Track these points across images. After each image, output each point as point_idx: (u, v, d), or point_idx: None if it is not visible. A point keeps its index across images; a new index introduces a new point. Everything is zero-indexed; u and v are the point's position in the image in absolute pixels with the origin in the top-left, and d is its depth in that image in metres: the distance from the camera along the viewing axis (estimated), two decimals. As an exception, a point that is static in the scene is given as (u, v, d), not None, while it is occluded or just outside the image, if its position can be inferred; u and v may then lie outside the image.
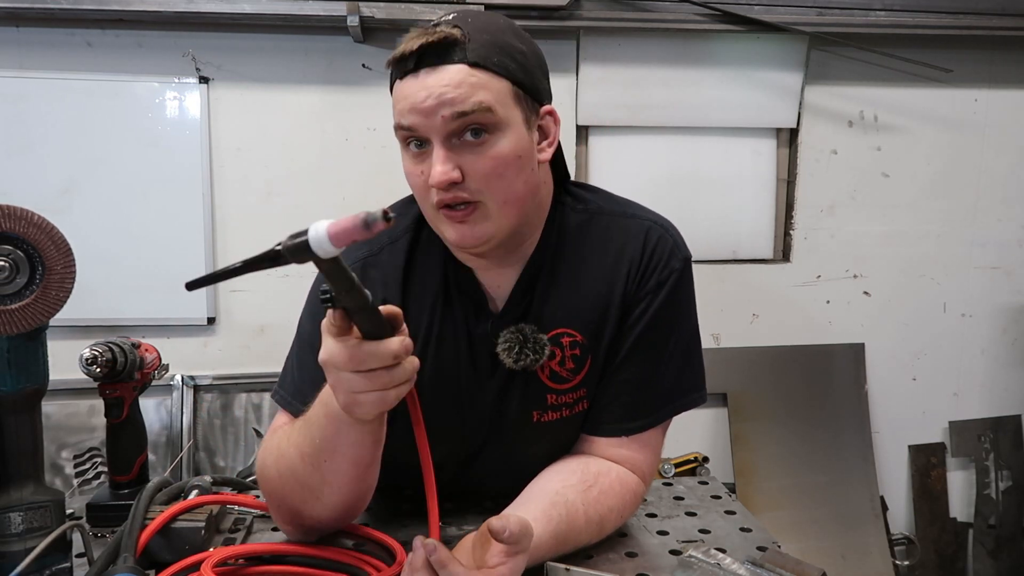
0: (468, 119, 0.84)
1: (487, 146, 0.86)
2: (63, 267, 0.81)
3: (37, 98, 2.26)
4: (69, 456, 2.32)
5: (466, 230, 0.88)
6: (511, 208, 0.90)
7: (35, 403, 0.84)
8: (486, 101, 0.84)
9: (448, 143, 0.85)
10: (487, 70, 0.85)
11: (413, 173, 0.89)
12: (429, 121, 0.84)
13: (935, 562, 2.75)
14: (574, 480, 0.95)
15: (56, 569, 0.83)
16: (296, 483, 0.86)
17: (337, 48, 2.37)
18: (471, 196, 0.87)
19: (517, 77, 0.88)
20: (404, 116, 0.86)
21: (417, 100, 0.84)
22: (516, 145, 0.88)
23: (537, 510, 0.89)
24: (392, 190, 1.05)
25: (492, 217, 0.88)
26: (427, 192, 0.88)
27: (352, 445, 0.81)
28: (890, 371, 2.75)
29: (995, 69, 2.66)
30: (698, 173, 2.62)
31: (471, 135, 0.85)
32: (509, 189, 0.88)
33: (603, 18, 2.35)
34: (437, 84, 0.83)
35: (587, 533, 0.93)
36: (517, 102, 0.88)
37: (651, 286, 0.98)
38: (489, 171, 0.86)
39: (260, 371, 2.42)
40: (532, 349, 0.95)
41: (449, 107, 0.83)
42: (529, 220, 0.95)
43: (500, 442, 1.02)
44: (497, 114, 0.85)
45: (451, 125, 0.84)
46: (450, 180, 0.85)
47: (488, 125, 0.85)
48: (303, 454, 0.84)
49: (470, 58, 0.84)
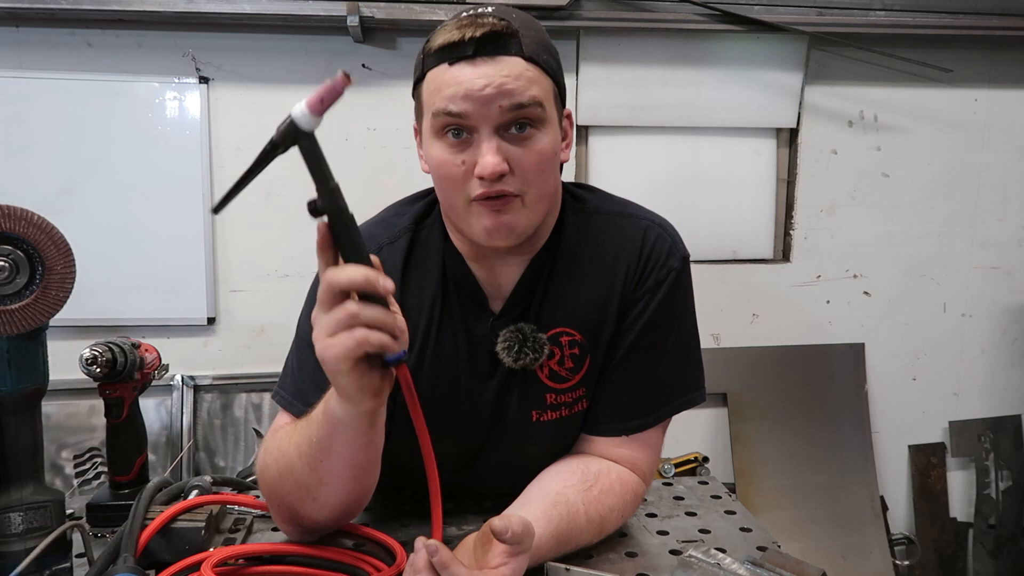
0: (523, 112, 0.85)
1: (532, 141, 0.87)
2: (63, 267, 0.81)
3: (37, 98, 2.26)
4: (69, 456, 2.32)
5: (502, 221, 0.88)
6: (543, 204, 0.91)
7: (35, 403, 0.84)
8: (539, 96, 0.86)
9: (498, 133, 0.85)
10: (538, 66, 0.87)
11: (450, 163, 0.87)
12: (484, 109, 0.84)
13: (935, 562, 2.75)
14: (574, 480, 0.95)
15: (56, 569, 0.83)
16: (294, 483, 0.86)
17: (337, 48, 2.37)
18: (514, 189, 0.87)
19: (557, 77, 0.91)
20: (453, 102, 0.84)
21: (474, 87, 0.83)
22: (554, 143, 0.90)
23: (538, 510, 0.89)
24: (392, 190, 1.05)
25: (527, 210, 0.89)
26: (464, 183, 0.87)
27: (347, 445, 0.80)
28: (890, 371, 2.75)
29: (995, 69, 2.66)
30: (698, 173, 2.62)
31: (516, 129, 0.86)
32: (545, 185, 0.90)
33: (603, 18, 2.35)
34: (497, 73, 0.83)
35: (588, 533, 0.93)
36: (556, 101, 0.91)
37: (649, 285, 0.98)
38: (534, 166, 0.87)
39: (260, 371, 2.42)
40: (531, 348, 0.95)
41: (508, 98, 0.83)
42: (546, 219, 0.96)
43: (500, 442, 1.02)
44: (546, 111, 0.87)
45: (506, 116, 0.84)
46: (502, 171, 0.84)
47: (536, 120, 0.87)
48: (301, 453, 0.84)
49: (526, 52, 0.85)
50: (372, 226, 1.04)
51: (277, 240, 2.42)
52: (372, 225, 1.04)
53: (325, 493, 0.85)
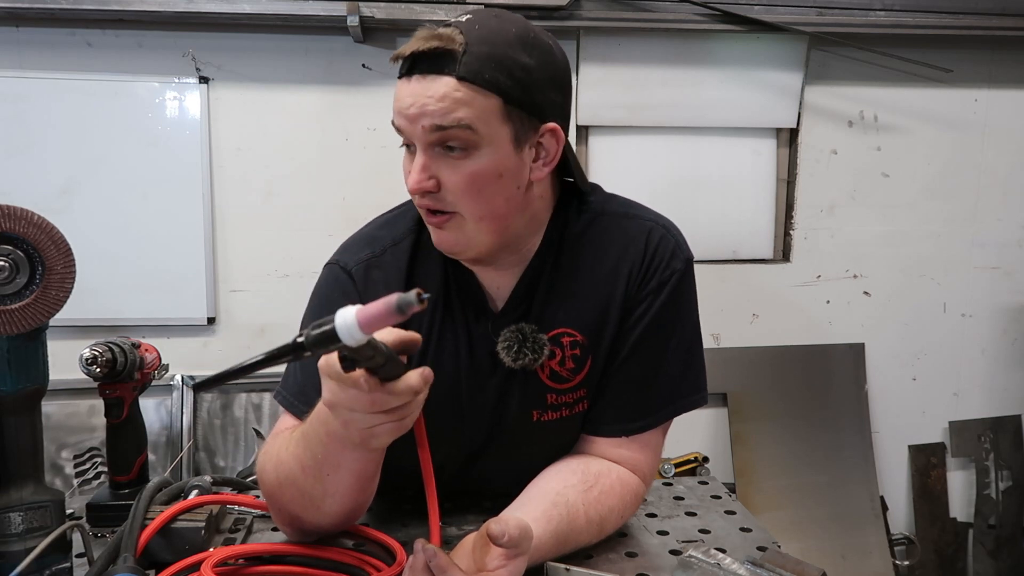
0: (446, 134, 0.84)
1: (464, 162, 0.86)
2: (63, 267, 0.81)
3: (37, 98, 2.26)
4: (69, 456, 2.32)
5: (444, 236, 0.91)
6: (489, 224, 0.90)
7: (35, 403, 0.84)
8: (466, 119, 0.83)
9: (430, 150, 0.86)
10: (476, 85, 0.83)
11: (406, 171, 0.91)
12: (412, 127, 0.86)
13: (935, 562, 2.75)
14: (574, 480, 0.95)
15: (56, 569, 0.83)
16: (296, 492, 0.86)
17: (337, 48, 2.37)
18: (445, 207, 0.88)
19: (511, 94, 0.85)
20: (396, 116, 0.88)
21: (404, 105, 0.85)
22: (498, 164, 0.87)
23: (537, 510, 0.89)
24: (392, 190, 1.05)
25: (468, 230, 0.90)
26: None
27: (357, 461, 0.82)
28: (890, 371, 2.75)
29: (995, 69, 2.66)
30: (698, 173, 2.62)
31: (447, 149, 0.86)
32: (486, 206, 0.88)
33: (603, 18, 2.35)
34: (423, 94, 0.84)
35: (587, 533, 0.93)
36: (506, 120, 0.86)
37: (652, 286, 0.98)
38: (464, 186, 0.87)
39: (260, 371, 2.42)
40: (531, 348, 0.95)
41: (429, 119, 0.84)
42: (519, 233, 0.95)
43: (500, 442, 1.02)
44: (478, 132, 0.84)
45: (430, 136, 0.85)
46: (423, 189, 0.87)
47: (466, 142, 0.85)
48: (304, 467, 0.84)
49: (460, 72, 0.83)
50: (376, 228, 1.04)
51: (277, 240, 2.41)
52: (376, 227, 1.04)
53: (329, 503, 0.86)
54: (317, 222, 2.41)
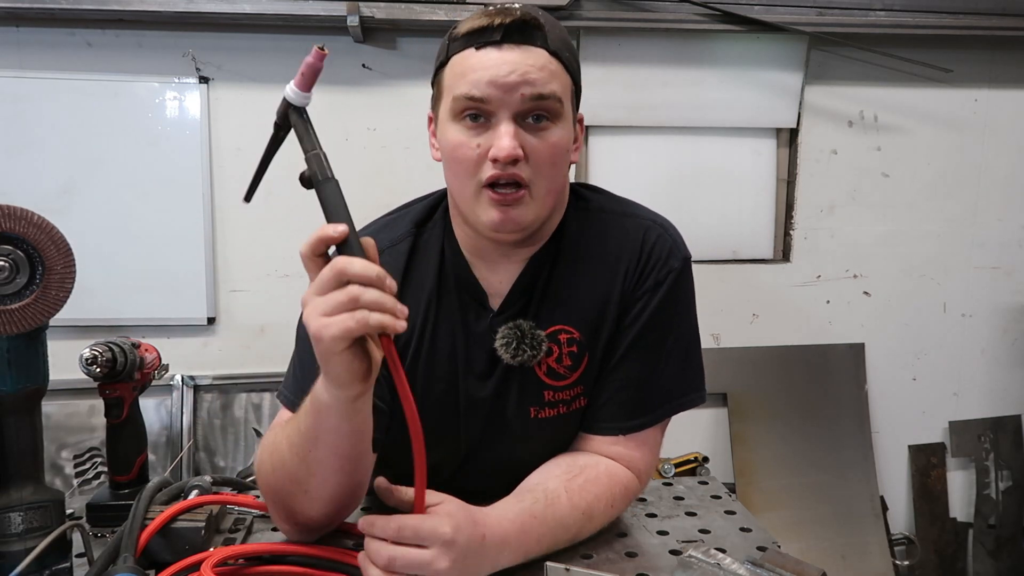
0: (542, 104, 0.87)
1: (548, 133, 0.89)
2: (63, 267, 0.81)
3: (37, 98, 2.26)
4: (69, 456, 2.32)
5: (510, 213, 0.89)
6: (550, 199, 0.92)
7: (35, 403, 0.84)
8: (558, 91, 0.88)
9: (515, 121, 0.87)
10: (561, 62, 0.89)
11: (466, 145, 0.89)
12: (506, 96, 0.86)
13: (935, 562, 2.75)
14: (558, 471, 0.96)
15: (56, 569, 0.83)
16: (285, 475, 0.86)
17: (337, 48, 2.36)
18: (525, 178, 0.88)
19: (576, 78, 0.93)
20: (477, 87, 0.86)
21: (499, 73, 0.85)
22: (567, 139, 0.92)
23: (510, 496, 0.91)
24: (393, 189, 1.05)
25: (535, 204, 0.90)
26: (477, 167, 0.88)
27: (333, 432, 0.80)
28: (890, 371, 2.75)
29: (995, 69, 2.66)
30: (698, 173, 2.62)
31: (534, 119, 0.88)
32: (555, 179, 0.91)
33: (603, 18, 2.35)
34: (523, 62, 0.86)
35: (574, 518, 0.92)
36: (573, 100, 0.93)
37: (649, 285, 0.98)
38: (547, 157, 0.89)
39: (260, 371, 2.42)
40: (529, 345, 0.96)
41: (530, 87, 0.86)
42: (552, 216, 0.97)
43: (498, 439, 1.02)
44: (563, 106, 0.89)
45: (526, 105, 0.86)
46: (516, 156, 0.86)
47: (553, 114, 0.88)
48: (292, 444, 0.84)
49: (551, 46, 0.88)
50: (375, 230, 1.04)
51: (277, 240, 2.41)
52: (375, 229, 1.04)
53: (315, 485, 0.84)
54: (317, 222, 2.39)
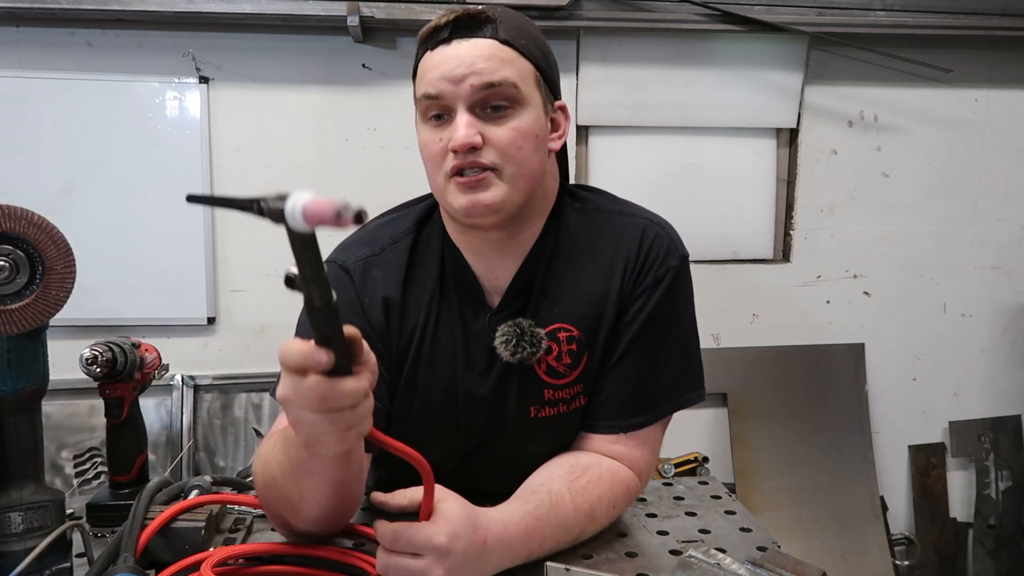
0: (494, 91, 0.88)
1: (508, 119, 0.90)
2: (63, 267, 0.80)
3: (37, 98, 2.26)
4: (69, 456, 2.32)
5: (477, 198, 0.90)
6: (523, 182, 0.92)
7: (35, 403, 0.84)
8: (511, 77, 0.89)
9: (472, 111, 0.89)
10: (515, 49, 0.90)
11: (430, 142, 0.91)
12: (457, 89, 0.88)
13: (935, 562, 2.75)
14: (561, 472, 0.96)
15: (56, 569, 0.83)
16: (278, 495, 0.86)
17: (337, 48, 2.37)
18: (488, 162, 0.89)
19: (540, 64, 0.93)
20: (431, 85, 0.89)
21: (448, 68, 0.88)
22: (535, 124, 0.92)
23: (515, 496, 0.91)
24: (393, 189, 1.05)
25: (504, 186, 0.91)
26: (442, 159, 0.90)
27: (327, 469, 0.80)
28: (890, 371, 2.75)
29: (995, 69, 2.66)
30: (698, 173, 2.62)
31: (492, 109, 0.89)
32: (525, 163, 0.92)
33: (603, 18, 2.35)
34: (469, 54, 0.88)
35: (576, 520, 0.92)
36: (538, 86, 0.93)
37: (647, 284, 0.98)
38: (508, 141, 0.90)
39: (260, 371, 2.42)
40: (529, 342, 0.96)
41: (478, 77, 0.87)
42: (534, 205, 0.97)
43: (498, 438, 1.02)
44: (521, 91, 0.90)
45: (478, 95, 0.88)
46: (472, 144, 0.87)
47: (511, 100, 0.90)
48: (283, 469, 0.83)
49: (501, 35, 0.89)
50: (376, 228, 1.04)
51: (277, 240, 2.38)
52: (376, 227, 1.04)
53: (307, 508, 0.85)
54: (317, 222, 2.41)
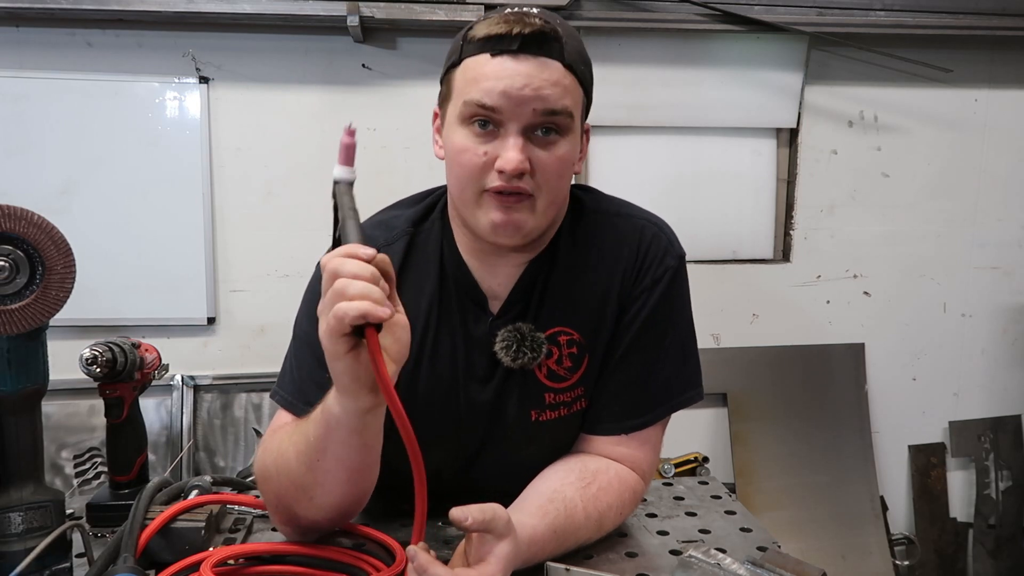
0: (553, 119, 0.86)
1: (556, 147, 0.88)
2: (63, 267, 0.80)
3: (37, 98, 2.26)
4: (69, 456, 2.32)
5: (512, 218, 0.88)
6: (552, 209, 0.92)
7: (35, 403, 0.84)
8: (570, 106, 0.87)
9: (527, 132, 0.87)
10: (576, 76, 0.88)
11: (472, 151, 0.87)
12: (518, 108, 0.85)
13: (935, 562, 2.75)
14: (572, 478, 0.95)
15: (56, 569, 0.83)
16: (290, 482, 0.85)
17: (337, 48, 2.37)
18: (529, 190, 0.88)
19: (588, 92, 0.92)
20: (488, 95, 0.85)
21: (513, 85, 0.84)
22: (573, 151, 0.91)
23: (533, 506, 0.89)
24: (393, 189, 1.05)
25: (536, 213, 0.90)
26: (482, 173, 0.88)
27: (342, 445, 0.80)
28: (890, 371, 2.75)
29: (995, 69, 2.66)
30: (698, 173, 2.62)
31: (542, 132, 0.87)
32: (558, 191, 0.91)
33: (603, 18, 2.35)
34: (538, 75, 0.84)
35: (587, 529, 0.93)
36: (583, 113, 0.93)
37: (646, 284, 0.98)
38: (554, 171, 0.88)
39: (260, 371, 2.42)
40: (530, 347, 0.96)
41: (543, 103, 0.85)
42: (552, 225, 0.97)
43: (499, 442, 1.02)
44: (574, 120, 0.89)
45: (537, 119, 0.86)
46: (524, 169, 0.86)
47: (563, 128, 0.88)
48: (299, 452, 0.83)
49: (567, 59, 0.86)
50: (370, 227, 1.03)
51: (277, 240, 2.41)
52: (370, 227, 1.04)
53: (320, 494, 0.85)
54: (317, 222, 2.40)
